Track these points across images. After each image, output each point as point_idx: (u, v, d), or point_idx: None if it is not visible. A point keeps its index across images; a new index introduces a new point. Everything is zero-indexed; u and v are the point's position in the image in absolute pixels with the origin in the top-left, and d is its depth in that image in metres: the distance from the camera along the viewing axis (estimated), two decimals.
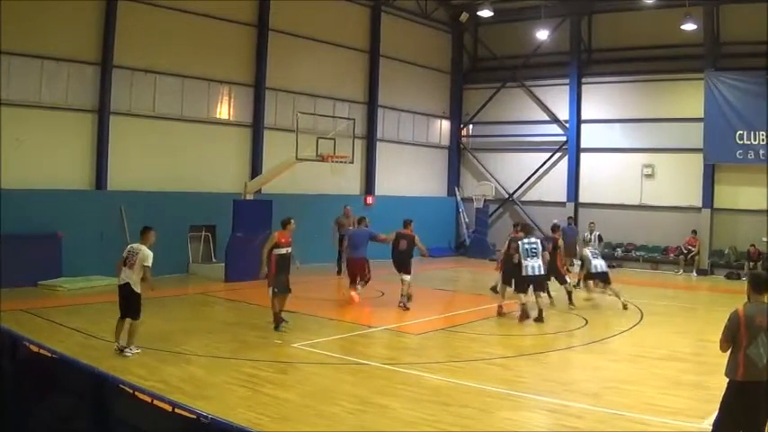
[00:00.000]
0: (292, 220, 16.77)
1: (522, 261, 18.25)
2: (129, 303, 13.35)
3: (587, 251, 21.20)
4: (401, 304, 19.34)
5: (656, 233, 31.93)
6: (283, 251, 16.42)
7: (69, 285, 20.55)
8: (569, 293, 20.55)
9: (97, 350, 13.49)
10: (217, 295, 21.06)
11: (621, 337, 16.62)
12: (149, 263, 13.35)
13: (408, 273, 19.81)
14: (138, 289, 13.34)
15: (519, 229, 19.99)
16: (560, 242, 21.31)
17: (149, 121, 24.51)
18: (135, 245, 13.67)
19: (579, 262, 22.17)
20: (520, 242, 18.57)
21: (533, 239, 18.75)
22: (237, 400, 10.74)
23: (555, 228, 21.92)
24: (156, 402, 6.38)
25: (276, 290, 16.24)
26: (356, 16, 32.12)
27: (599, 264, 20.91)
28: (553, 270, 20.18)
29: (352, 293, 19.98)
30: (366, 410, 10.51)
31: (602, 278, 20.90)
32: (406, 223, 20.46)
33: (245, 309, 18.99)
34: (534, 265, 18.33)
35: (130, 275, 13.32)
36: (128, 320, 13.35)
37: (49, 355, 7.73)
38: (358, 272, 20.13)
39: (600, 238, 24.67)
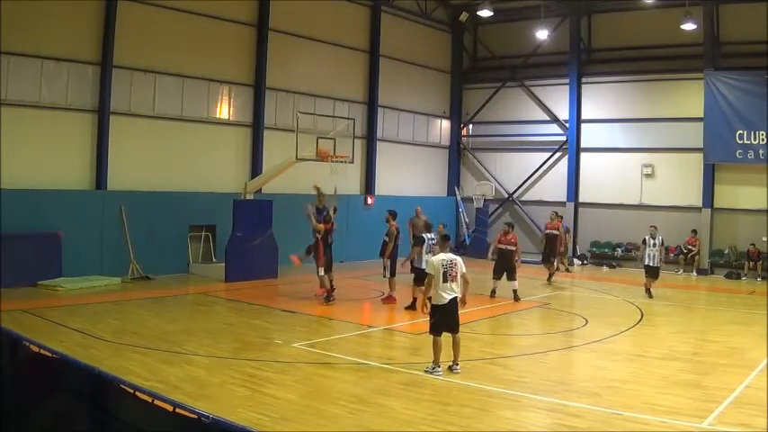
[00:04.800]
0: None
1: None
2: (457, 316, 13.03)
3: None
4: None
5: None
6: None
7: (69, 285, 20.54)
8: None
9: (97, 350, 13.50)
10: (217, 295, 21.05)
11: (621, 337, 16.63)
12: (465, 268, 13.10)
13: None
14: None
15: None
16: None
17: (149, 120, 24.50)
18: (445, 256, 13.02)
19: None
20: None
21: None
22: (238, 400, 10.75)
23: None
24: (156, 402, 6.39)
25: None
26: (356, 16, 32.13)
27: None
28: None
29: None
30: (366, 410, 10.51)
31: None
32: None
33: (246, 309, 18.99)
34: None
35: (455, 289, 12.84)
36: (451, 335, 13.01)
37: (50, 355, 7.73)
38: None
39: (662, 242, 23.78)
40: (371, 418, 10.22)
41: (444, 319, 12.78)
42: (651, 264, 23.08)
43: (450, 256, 13.02)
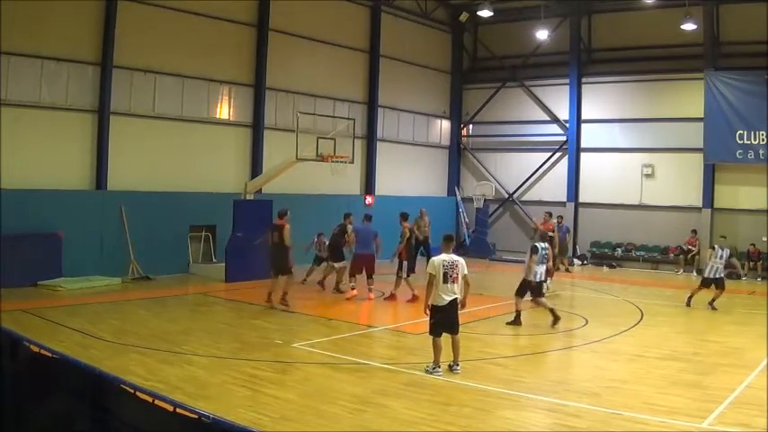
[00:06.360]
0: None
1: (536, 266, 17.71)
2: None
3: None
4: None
5: (656, 233, 31.94)
6: None
7: (69, 285, 20.55)
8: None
9: (97, 350, 13.50)
10: (217, 295, 21.06)
11: (621, 337, 16.62)
12: (467, 270, 12.98)
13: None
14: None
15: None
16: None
17: (149, 121, 24.51)
18: (447, 257, 12.91)
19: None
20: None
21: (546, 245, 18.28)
22: (238, 401, 10.75)
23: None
24: (157, 402, 6.38)
25: None
26: (356, 16, 32.15)
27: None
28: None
29: (352, 290, 20.62)
30: (366, 410, 10.52)
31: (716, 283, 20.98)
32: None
33: (246, 309, 18.99)
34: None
35: (456, 291, 12.74)
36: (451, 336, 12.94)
37: (50, 355, 7.73)
38: (366, 267, 20.66)
39: (730, 254, 22.40)
40: (372, 418, 10.22)
41: (444, 320, 12.75)
42: (713, 275, 20.96)
43: (453, 257, 12.94)
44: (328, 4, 30.22)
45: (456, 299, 12.77)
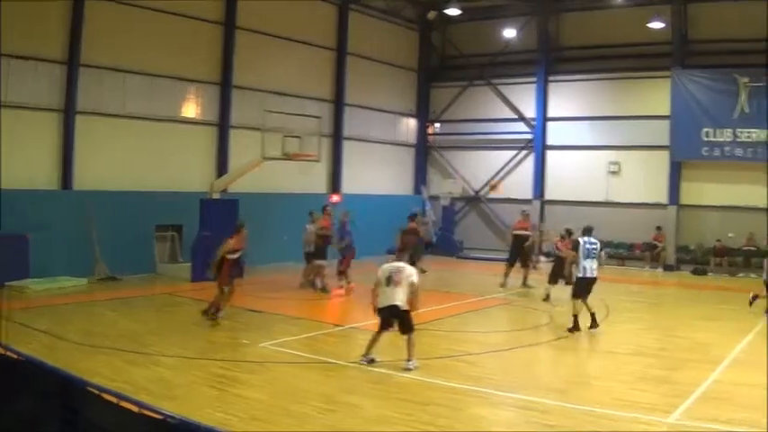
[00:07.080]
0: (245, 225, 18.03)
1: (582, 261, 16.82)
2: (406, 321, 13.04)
3: None
4: None
5: (623, 230, 32.10)
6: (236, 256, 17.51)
7: (36, 286, 20.29)
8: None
9: (64, 352, 13.35)
10: (183, 295, 20.91)
11: (589, 334, 16.69)
12: (416, 278, 13.15)
13: None
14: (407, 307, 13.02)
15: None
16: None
17: (116, 119, 24.28)
18: (396, 263, 13.32)
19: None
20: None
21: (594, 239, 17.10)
22: (205, 401, 10.69)
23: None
24: (122, 403, 6.34)
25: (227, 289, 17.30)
26: (324, 14, 32.06)
27: None
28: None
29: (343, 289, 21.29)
30: (335, 409, 10.50)
31: None
32: None
33: None
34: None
35: (398, 295, 12.88)
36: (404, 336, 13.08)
37: (16, 357, 7.67)
38: (345, 261, 21.55)
39: None
40: (341, 417, 10.20)
41: (388, 320, 13.02)
42: None
43: (401, 264, 13.24)
44: (296, 3, 30.12)
45: (398, 305, 12.86)
